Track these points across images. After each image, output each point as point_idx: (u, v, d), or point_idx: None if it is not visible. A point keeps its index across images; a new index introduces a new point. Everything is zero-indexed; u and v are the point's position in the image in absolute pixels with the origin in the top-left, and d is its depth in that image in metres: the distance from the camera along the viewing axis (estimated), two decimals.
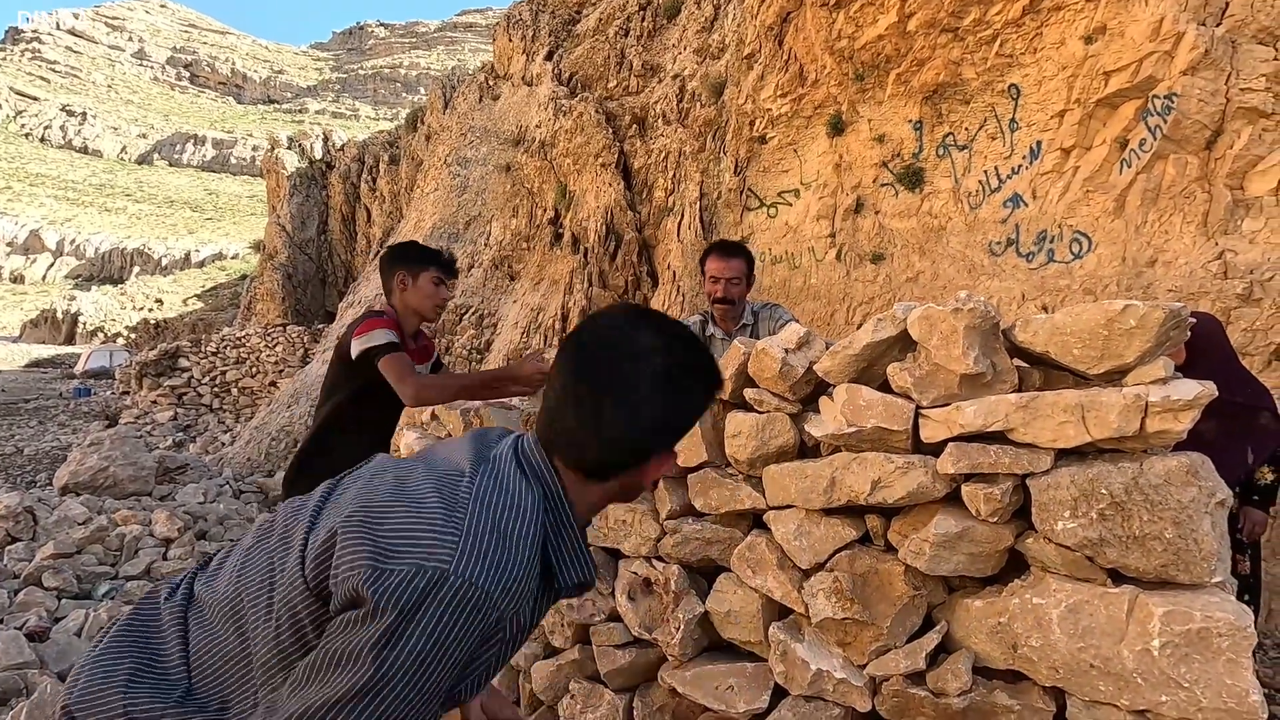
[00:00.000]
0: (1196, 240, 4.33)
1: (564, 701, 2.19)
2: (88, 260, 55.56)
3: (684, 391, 0.92)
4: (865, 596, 1.60)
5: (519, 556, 0.82)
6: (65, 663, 3.57)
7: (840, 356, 1.65)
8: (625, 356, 0.89)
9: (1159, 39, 4.36)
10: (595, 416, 0.89)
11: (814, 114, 6.56)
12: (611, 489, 0.95)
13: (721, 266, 2.68)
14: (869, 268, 6.11)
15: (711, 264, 2.71)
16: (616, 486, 0.95)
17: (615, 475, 0.94)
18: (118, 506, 6.65)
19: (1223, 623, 1.21)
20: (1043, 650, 1.37)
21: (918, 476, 1.52)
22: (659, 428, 0.91)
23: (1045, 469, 1.39)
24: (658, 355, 0.90)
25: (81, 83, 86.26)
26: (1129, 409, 1.29)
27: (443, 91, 16.68)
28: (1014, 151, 5.32)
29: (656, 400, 0.89)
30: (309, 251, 21.66)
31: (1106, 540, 1.32)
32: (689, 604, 1.93)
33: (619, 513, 2.10)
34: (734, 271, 2.68)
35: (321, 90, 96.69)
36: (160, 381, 16.50)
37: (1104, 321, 1.34)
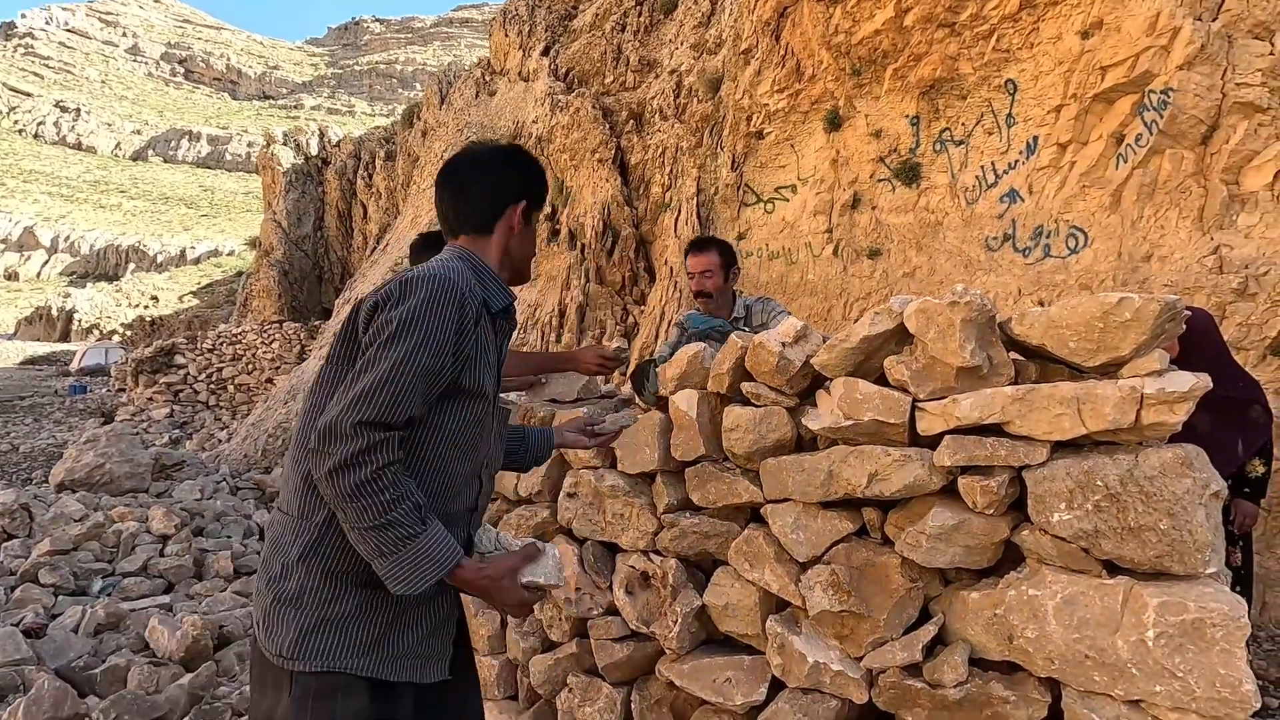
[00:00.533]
0: (1192, 235, 4.34)
1: (562, 695, 2.19)
2: (82, 257, 55.34)
3: (515, 167, 1.50)
4: (862, 589, 1.60)
5: (460, 274, 1.34)
6: (62, 659, 3.57)
7: (837, 350, 1.65)
8: (474, 161, 1.49)
9: (1155, 34, 4.37)
10: (467, 196, 1.47)
11: (811, 109, 6.56)
12: (501, 238, 1.47)
13: (695, 262, 2.77)
14: (866, 263, 6.11)
15: (688, 262, 2.81)
16: (501, 235, 1.46)
17: (493, 224, 1.46)
18: (114, 503, 6.64)
19: (1217, 613, 1.21)
20: (1038, 641, 1.38)
21: (914, 469, 1.52)
22: (497, 188, 1.47)
23: (1041, 461, 1.39)
24: (496, 155, 1.51)
25: (75, 79, 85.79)
26: (1124, 401, 1.30)
27: (439, 87, 16.63)
28: (1010, 147, 5.33)
29: (497, 174, 1.47)
30: (305, 248, 21.61)
31: (1102, 532, 1.32)
32: (686, 597, 1.94)
33: (616, 507, 2.10)
34: (706, 265, 2.74)
35: (317, 86, 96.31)
36: (156, 378, 16.46)
37: (1099, 314, 1.34)
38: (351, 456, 1.16)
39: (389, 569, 1.19)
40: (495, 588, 1.29)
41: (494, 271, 1.44)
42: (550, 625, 2.29)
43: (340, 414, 1.18)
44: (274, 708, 1.27)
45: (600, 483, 2.13)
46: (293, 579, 1.27)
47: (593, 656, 2.13)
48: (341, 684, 1.24)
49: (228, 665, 3.68)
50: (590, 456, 2.18)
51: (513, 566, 1.32)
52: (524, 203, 1.48)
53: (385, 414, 1.19)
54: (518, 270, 1.52)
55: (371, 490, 1.17)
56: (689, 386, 1.99)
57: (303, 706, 1.23)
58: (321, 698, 1.24)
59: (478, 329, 1.32)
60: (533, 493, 2.36)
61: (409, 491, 1.21)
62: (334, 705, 1.24)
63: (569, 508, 2.23)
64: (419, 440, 1.30)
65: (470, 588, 1.29)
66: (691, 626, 1.93)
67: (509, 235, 1.47)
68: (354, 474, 1.16)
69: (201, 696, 3.30)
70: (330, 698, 1.24)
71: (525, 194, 1.48)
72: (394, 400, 1.20)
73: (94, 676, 3.39)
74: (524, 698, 2.38)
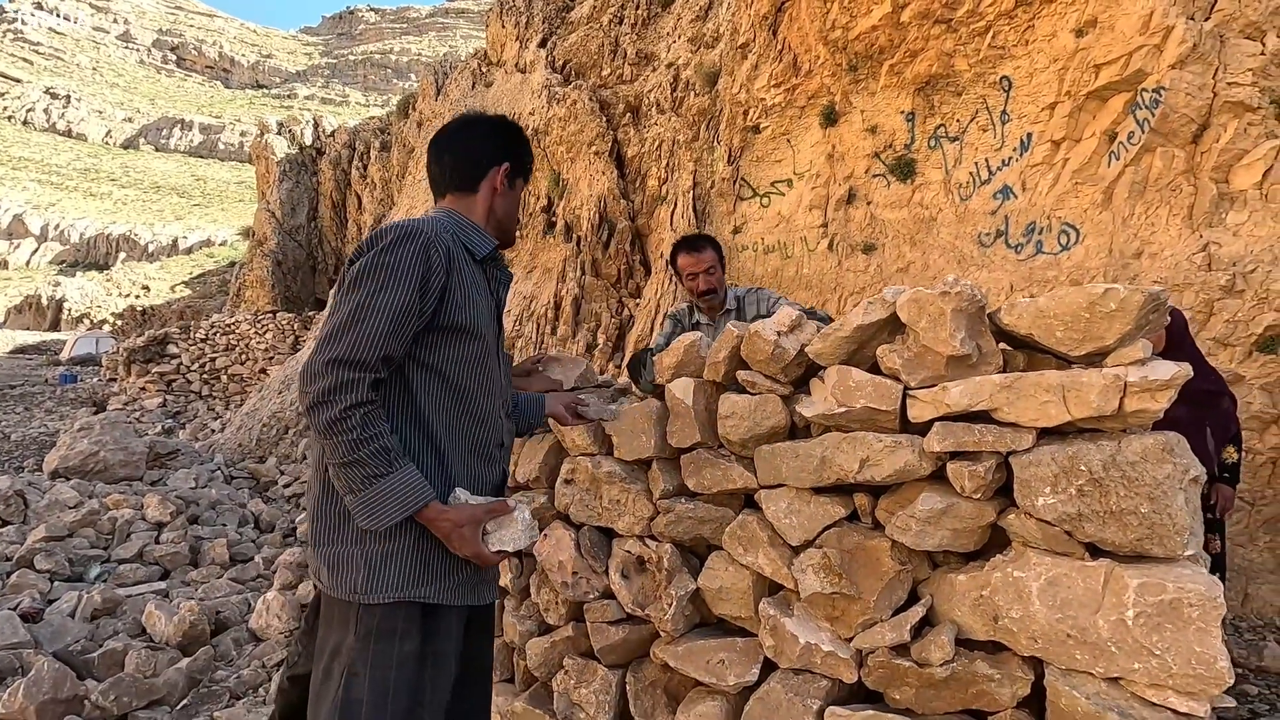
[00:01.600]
0: (1182, 233, 4.40)
1: (558, 677, 2.23)
2: (72, 246, 54.86)
3: (501, 133, 1.64)
4: (853, 572, 1.65)
5: (430, 224, 1.45)
6: (59, 642, 3.59)
7: (831, 339, 1.69)
8: (462, 125, 1.64)
9: (1148, 33, 4.41)
10: (454, 155, 1.61)
11: (807, 104, 6.58)
12: (485, 196, 1.60)
13: (695, 260, 2.76)
14: (860, 258, 6.16)
15: (684, 261, 2.78)
16: (485, 193, 1.60)
17: (478, 183, 1.59)
18: (109, 491, 6.64)
19: (1194, 593, 1.26)
20: (1022, 621, 1.43)
21: (905, 455, 1.56)
22: (483, 150, 1.60)
23: (1027, 447, 1.44)
24: (483, 120, 1.64)
25: (65, 65, 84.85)
26: (1108, 389, 1.34)
27: (435, 78, 16.56)
28: (1004, 143, 5.37)
29: (483, 138, 1.61)
30: (299, 238, 21.50)
31: (1085, 515, 1.37)
32: (681, 581, 1.98)
33: (613, 493, 2.14)
34: (708, 262, 2.76)
35: (311, 75, 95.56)
36: (148, 368, 16.39)
37: (1086, 304, 1.38)
38: (322, 394, 1.28)
39: (355, 505, 1.33)
40: (456, 534, 1.39)
41: (479, 226, 1.58)
42: (547, 609, 2.33)
43: (313, 354, 1.32)
44: (341, 642, 1.40)
45: (597, 469, 2.16)
46: (352, 522, 1.38)
47: (589, 639, 2.17)
48: (400, 625, 1.39)
49: (224, 650, 3.70)
50: (588, 444, 2.22)
51: (475, 517, 1.41)
52: (507, 164, 1.61)
53: (351, 352, 1.29)
54: (502, 228, 1.64)
55: (341, 429, 1.28)
56: (685, 375, 2.03)
57: (365, 646, 1.37)
58: (383, 638, 1.38)
59: (453, 272, 1.43)
60: (530, 479, 2.39)
61: (378, 434, 1.31)
62: (393, 647, 1.37)
63: (566, 493, 2.26)
64: (426, 381, 1.44)
65: (433, 527, 1.39)
66: (686, 610, 1.97)
67: (493, 194, 1.60)
68: (326, 411, 1.28)
69: (199, 680, 3.33)
70: (390, 639, 1.38)
71: (509, 157, 1.62)
72: (358, 339, 1.30)
73: (91, 660, 3.42)
74: (520, 680, 2.42)
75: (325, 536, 1.43)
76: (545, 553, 2.27)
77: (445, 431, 1.45)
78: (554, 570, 2.23)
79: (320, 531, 1.44)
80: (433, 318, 1.40)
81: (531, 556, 2.38)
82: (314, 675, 1.46)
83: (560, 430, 2.28)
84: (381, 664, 1.37)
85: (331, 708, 1.37)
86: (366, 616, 1.38)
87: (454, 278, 1.42)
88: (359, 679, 1.36)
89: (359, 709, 1.35)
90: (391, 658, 1.37)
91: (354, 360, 1.29)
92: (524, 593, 2.45)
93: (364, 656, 1.37)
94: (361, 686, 1.36)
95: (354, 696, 1.35)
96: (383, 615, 1.38)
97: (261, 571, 5.18)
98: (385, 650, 1.37)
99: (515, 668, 2.45)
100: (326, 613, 1.47)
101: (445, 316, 1.42)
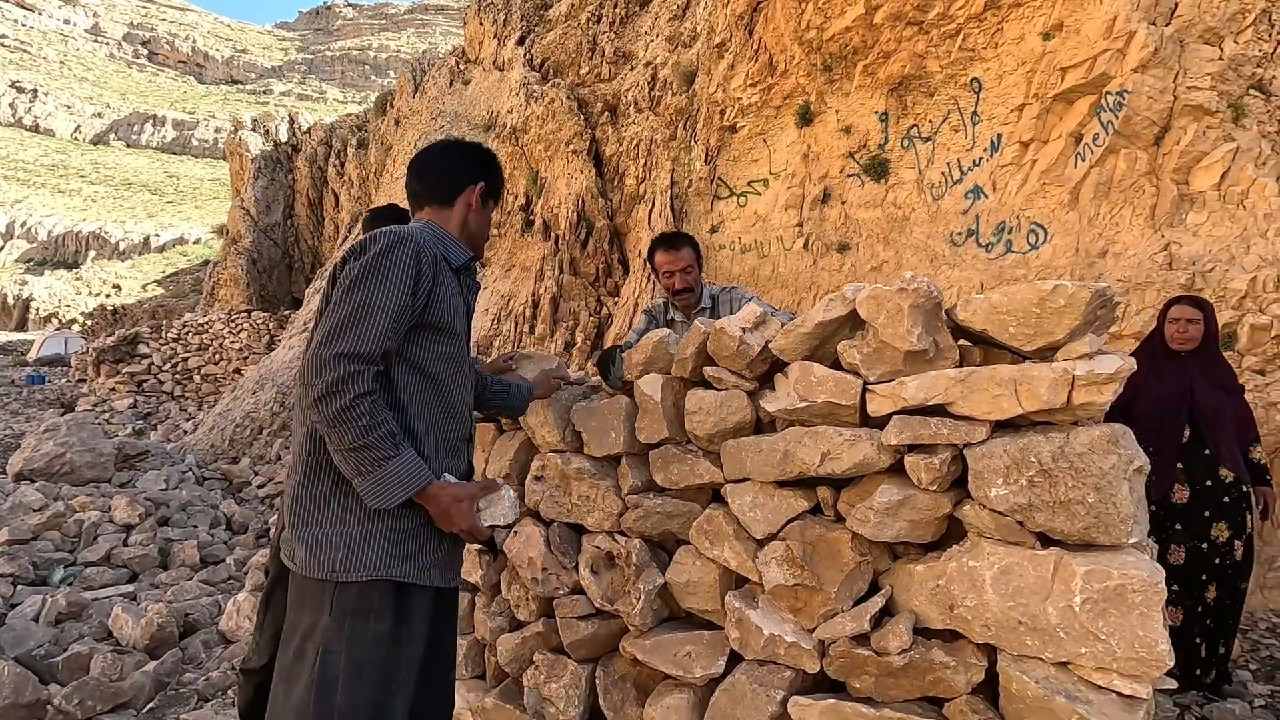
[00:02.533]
0: (1144, 232, 4.51)
1: (528, 672, 2.24)
2: (40, 244, 53.55)
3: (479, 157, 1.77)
4: (815, 564, 1.67)
5: (417, 233, 1.58)
6: (22, 647, 3.52)
7: (794, 335, 1.72)
8: (444, 147, 1.77)
9: (1112, 37, 4.52)
10: (434, 173, 1.73)
11: (783, 104, 6.64)
12: (460, 211, 1.71)
13: (672, 259, 2.77)
14: (835, 257, 6.22)
15: (661, 258, 2.79)
16: (460, 209, 1.71)
17: (454, 199, 1.71)
18: (75, 493, 6.51)
19: (1137, 579, 1.30)
20: (977, 610, 1.46)
21: (864, 448, 1.59)
22: (461, 169, 1.73)
23: (981, 440, 1.47)
24: (464, 145, 1.79)
25: (32, 58, 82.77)
26: (1057, 382, 1.38)
27: (412, 75, 16.40)
28: (975, 144, 5.46)
29: (461, 159, 1.75)
30: (274, 236, 21.19)
31: (1035, 505, 1.40)
32: (649, 576, 2.00)
33: (582, 489, 2.15)
34: (686, 261, 2.77)
35: (287, 71, 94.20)
36: (119, 368, 16.06)
37: (1036, 300, 1.42)
38: (331, 385, 1.38)
39: (365, 486, 1.42)
40: (455, 508, 1.50)
41: (454, 237, 1.70)
42: (517, 605, 2.33)
43: (316, 349, 1.42)
44: (314, 623, 1.46)
45: (567, 466, 2.17)
46: (332, 505, 1.48)
47: (559, 635, 2.18)
48: (376, 604, 1.46)
49: (193, 652, 3.66)
50: (558, 440, 2.22)
51: (472, 494, 1.54)
52: (483, 184, 1.74)
53: (356, 346, 1.40)
54: (474, 244, 1.76)
55: (350, 417, 1.38)
56: (654, 371, 2.05)
57: (340, 625, 1.43)
58: (359, 617, 1.44)
59: (438, 277, 1.55)
60: (500, 475, 2.40)
61: (384, 420, 1.42)
62: (368, 626, 1.44)
63: (536, 490, 2.27)
64: (408, 376, 1.54)
65: (433, 504, 1.49)
66: (654, 604, 1.99)
67: (468, 210, 1.72)
68: (335, 401, 1.38)
69: (167, 683, 3.28)
70: (365, 618, 1.44)
71: (484, 178, 1.75)
72: (363, 334, 1.41)
73: (55, 665, 3.36)
74: (491, 676, 2.42)
75: (305, 518, 1.49)
76: (515, 549, 2.28)
77: (422, 423, 1.55)
78: (524, 566, 2.24)
79: (300, 514, 1.50)
80: (419, 316, 1.52)
81: (502, 553, 2.38)
82: (280, 659, 1.50)
83: (530, 427, 2.29)
84: (357, 642, 1.43)
85: (307, 686, 1.42)
86: (343, 595, 1.44)
87: (439, 281, 1.55)
88: (335, 656, 1.42)
89: (335, 685, 1.41)
90: (367, 636, 1.43)
91: (359, 354, 1.41)
92: (494, 589, 2.46)
93: (339, 635, 1.43)
94: (337, 663, 1.42)
95: (330, 674, 1.41)
96: (359, 593, 1.45)
97: (233, 573, 5.12)
98: (360, 629, 1.44)
99: (486, 664, 2.45)
100: (298, 595, 1.51)
101: (431, 315, 1.54)
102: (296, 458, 1.56)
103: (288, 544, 1.53)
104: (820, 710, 1.61)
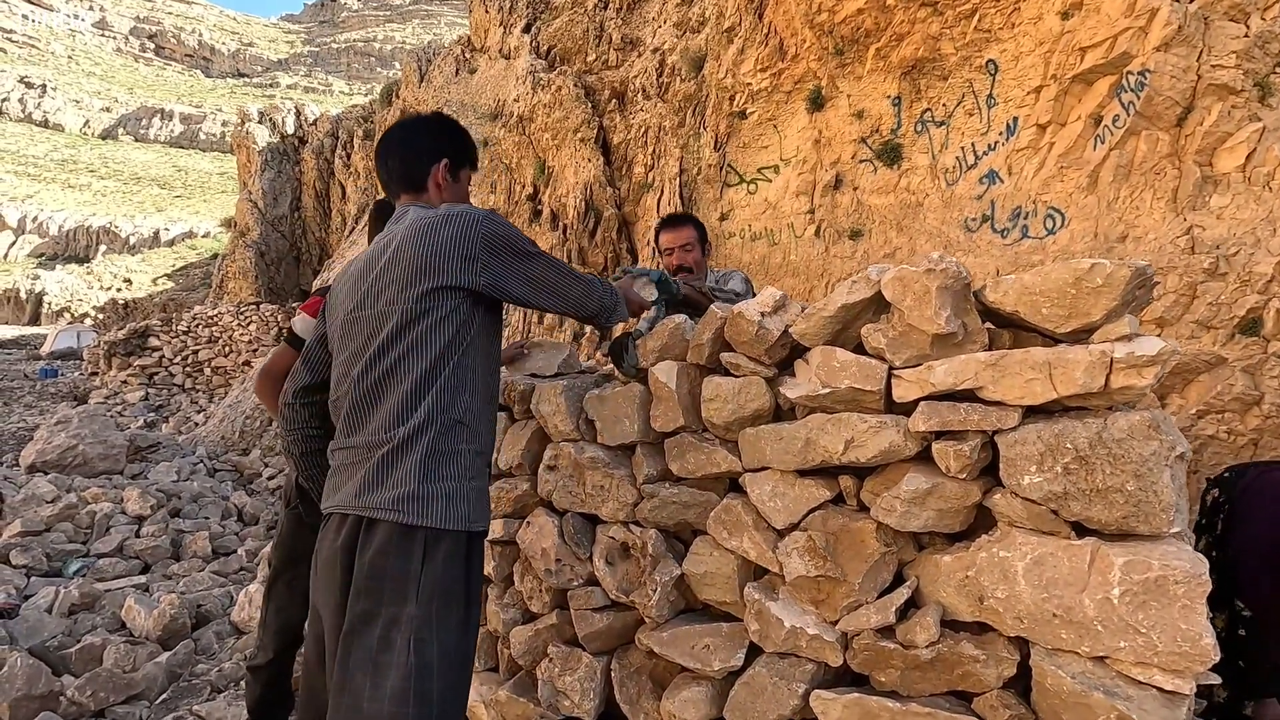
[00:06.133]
0: (1166, 216, 4.40)
1: (542, 665, 2.21)
2: (51, 238, 53.89)
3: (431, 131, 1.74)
4: (838, 555, 1.63)
5: None
6: (35, 638, 3.52)
7: (815, 319, 1.66)
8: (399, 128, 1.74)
9: (1134, 15, 4.40)
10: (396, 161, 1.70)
11: (794, 89, 6.53)
12: (434, 195, 1.70)
13: (672, 237, 2.76)
14: (847, 244, 6.14)
15: (663, 238, 2.80)
16: (433, 193, 1.70)
17: (425, 182, 1.70)
18: (87, 485, 6.53)
19: (1179, 570, 1.24)
20: (1008, 602, 1.41)
21: (890, 435, 1.54)
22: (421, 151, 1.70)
23: (1013, 426, 1.41)
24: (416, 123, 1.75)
25: (40, 53, 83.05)
26: (1094, 365, 1.32)
27: (418, 65, 16.33)
28: (991, 128, 5.35)
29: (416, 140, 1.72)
30: (282, 229, 21.23)
31: (1071, 494, 1.35)
32: (666, 567, 1.95)
33: (596, 479, 2.11)
34: (685, 239, 2.74)
35: (293, 64, 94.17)
36: (130, 361, 16.15)
37: (1072, 280, 1.36)
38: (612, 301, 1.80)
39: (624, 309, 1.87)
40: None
41: None
42: (530, 597, 2.30)
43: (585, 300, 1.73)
44: (397, 614, 1.43)
45: (580, 455, 2.13)
46: (438, 459, 1.49)
47: (573, 627, 2.14)
48: (477, 544, 1.55)
49: (206, 643, 3.65)
50: (571, 429, 2.18)
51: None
52: (445, 160, 1.70)
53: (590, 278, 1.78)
54: None
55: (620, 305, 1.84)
56: (669, 358, 2.00)
57: (455, 562, 1.48)
58: (471, 556, 1.52)
59: None
60: (512, 466, 2.36)
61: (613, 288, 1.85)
62: (479, 560, 1.56)
63: (549, 480, 2.23)
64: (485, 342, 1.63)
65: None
66: (671, 595, 1.95)
67: (439, 191, 1.70)
68: (621, 307, 1.83)
69: (180, 674, 3.27)
70: (475, 556, 1.54)
71: (446, 153, 1.71)
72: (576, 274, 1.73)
73: (68, 656, 3.35)
74: (504, 669, 2.39)
75: (402, 476, 1.46)
76: (528, 540, 2.24)
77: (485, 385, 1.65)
78: (537, 558, 2.20)
79: (390, 471, 1.48)
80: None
81: (514, 544, 2.35)
82: (357, 649, 1.42)
83: (543, 416, 2.25)
84: (444, 627, 1.45)
85: (404, 675, 1.39)
86: (450, 540, 1.48)
87: None
88: (426, 645, 1.42)
89: (431, 670, 1.41)
90: (451, 620, 1.46)
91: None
92: (507, 581, 2.42)
93: (428, 622, 1.43)
94: (430, 651, 1.41)
95: (425, 660, 1.40)
96: (469, 540, 1.53)
97: (244, 564, 5.12)
98: (478, 564, 1.55)
99: (499, 656, 2.42)
100: (372, 574, 1.44)
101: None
102: (377, 437, 1.50)
103: (380, 498, 1.46)
104: (844, 704, 1.56)
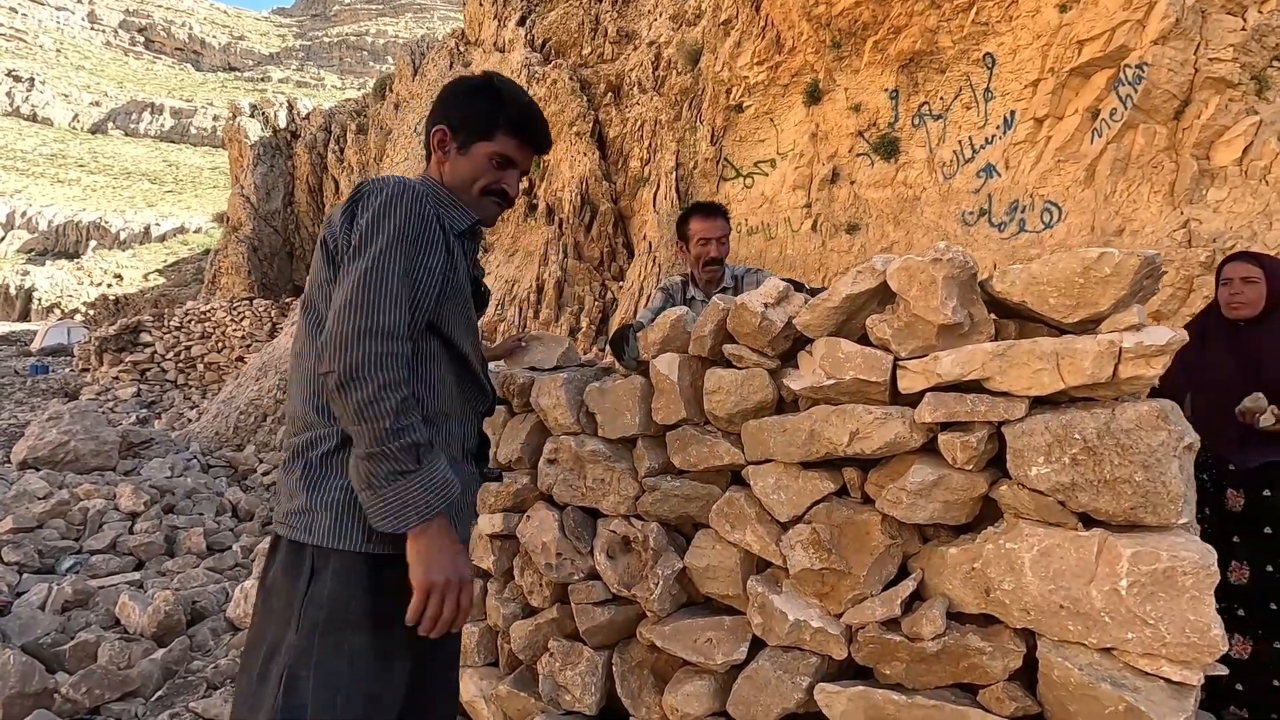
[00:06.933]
0: (1163, 209, 4.41)
1: (543, 659, 2.20)
2: (40, 234, 53.41)
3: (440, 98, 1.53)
4: (842, 547, 1.61)
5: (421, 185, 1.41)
6: (29, 636, 3.49)
7: (819, 310, 1.64)
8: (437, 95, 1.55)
9: (1131, 8, 4.39)
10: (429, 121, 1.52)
11: (790, 82, 6.51)
12: (434, 166, 1.50)
13: (708, 226, 2.67)
14: (844, 238, 6.13)
15: (696, 225, 2.69)
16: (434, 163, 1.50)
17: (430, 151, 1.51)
18: (80, 481, 6.48)
19: (1187, 561, 1.24)
20: (1015, 593, 1.40)
21: (895, 427, 1.53)
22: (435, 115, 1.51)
23: (1020, 416, 1.40)
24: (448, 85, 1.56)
25: (28, 46, 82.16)
26: (1102, 355, 1.31)
27: (412, 58, 16.22)
28: (988, 121, 5.35)
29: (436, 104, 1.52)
30: (274, 224, 21.09)
31: (1078, 485, 1.34)
32: (668, 560, 1.94)
33: (597, 472, 2.09)
34: (722, 230, 2.69)
35: (285, 58, 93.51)
36: (122, 357, 16.04)
37: (1080, 269, 1.35)
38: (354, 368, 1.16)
39: (371, 503, 1.17)
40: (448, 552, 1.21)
41: (448, 195, 1.47)
42: (531, 591, 2.28)
43: (333, 325, 1.19)
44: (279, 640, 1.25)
45: (581, 448, 2.11)
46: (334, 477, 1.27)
47: (574, 621, 2.13)
48: (388, 561, 1.25)
49: (201, 640, 3.63)
50: (571, 423, 2.16)
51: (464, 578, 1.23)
52: (441, 127, 1.49)
53: (376, 319, 1.18)
54: (458, 196, 1.47)
55: (374, 414, 1.14)
56: (671, 350, 1.98)
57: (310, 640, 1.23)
58: (378, 573, 1.25)
59: (446, 235, 1.38)
60: (512, 459, 2.34)
61: (414, 425, 1.17)
62: (393, 575, 1.22)
63: (549, 474, 2.21)
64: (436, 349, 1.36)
65: (423, 538, 1.19)
66: (673, 589, 1.94)
67: (437, 164, 1.51)
68: (359, 390, 1.15)
69: (175, 670, 3.25)
70: (386, 571, 1.24)
71: (442, 119, 1.50)
72: (378, 302, 1.19)
73: (62, 653, 3.32)
74: (504, 664, 2.38)
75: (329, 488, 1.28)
76: (528, 534, 2.23)
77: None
78: (537, 551, 2.19)
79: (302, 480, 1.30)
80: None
81: (514, 538, 2.33)
82: (244, 675, 1.28)
83: (543, 409, 2.23)
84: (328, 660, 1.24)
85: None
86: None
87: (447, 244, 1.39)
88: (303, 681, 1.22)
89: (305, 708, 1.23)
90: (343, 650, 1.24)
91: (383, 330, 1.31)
92: (507, 575, 2.41)
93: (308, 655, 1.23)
94: (306, 689, 1.22)
95: (299, 700, 1.21)
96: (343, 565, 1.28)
97: (240, 560, 5.09)
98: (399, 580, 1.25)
99: (499, 651, 2.41)
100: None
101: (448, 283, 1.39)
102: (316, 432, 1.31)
103: (298, 513, 1.28)
104: (848, 697, 1.56)
